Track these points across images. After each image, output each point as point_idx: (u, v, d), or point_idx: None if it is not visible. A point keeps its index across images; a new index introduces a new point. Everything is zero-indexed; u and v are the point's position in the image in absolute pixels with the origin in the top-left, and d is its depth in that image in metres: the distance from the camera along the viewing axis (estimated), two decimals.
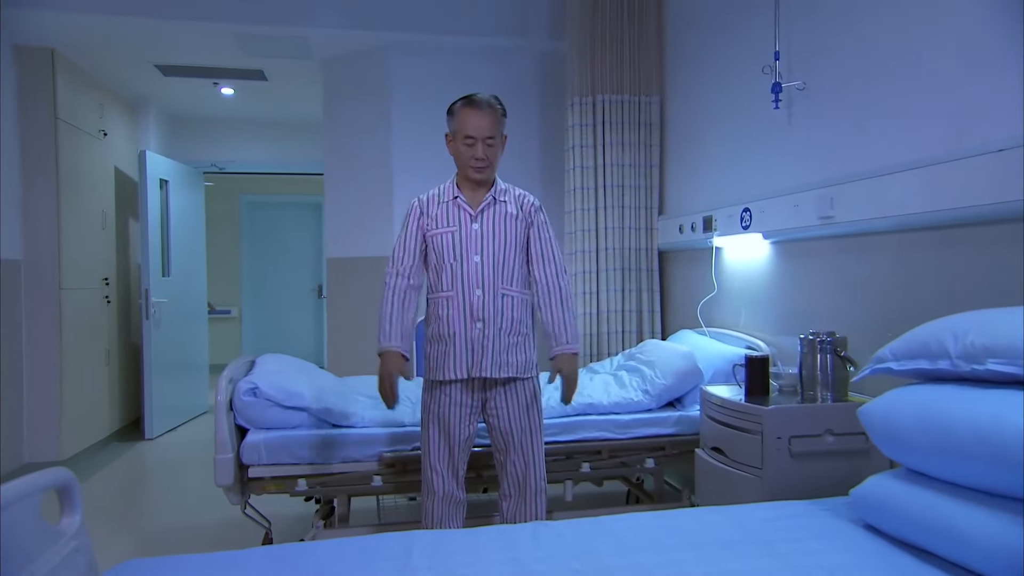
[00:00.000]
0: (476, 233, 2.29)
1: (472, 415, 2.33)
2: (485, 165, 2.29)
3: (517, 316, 2.31)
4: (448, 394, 2.30)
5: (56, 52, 4.16)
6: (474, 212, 2.31)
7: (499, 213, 2.32)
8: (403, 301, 2.30)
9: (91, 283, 4.60)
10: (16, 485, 1.15)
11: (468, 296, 2.26)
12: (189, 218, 5.83)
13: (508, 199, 2.36)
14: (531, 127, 4.36)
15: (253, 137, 6.29)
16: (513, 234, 2.32)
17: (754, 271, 3.07)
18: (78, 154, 4.44)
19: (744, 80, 3.08)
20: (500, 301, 2.28)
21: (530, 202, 2.39)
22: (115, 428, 4.96)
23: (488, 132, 2.27)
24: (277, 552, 1.46)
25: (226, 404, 2.55)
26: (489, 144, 2.28)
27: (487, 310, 2.26)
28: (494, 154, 2.31)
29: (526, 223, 2.35)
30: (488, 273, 2.27)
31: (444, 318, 2.29)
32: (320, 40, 4.23)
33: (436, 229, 2.31)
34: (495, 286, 2.27)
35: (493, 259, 2.28)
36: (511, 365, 2.30)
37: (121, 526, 3.41)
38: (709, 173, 3.46)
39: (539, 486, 2.38)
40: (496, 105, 2.32)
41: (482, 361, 2.27)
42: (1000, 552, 1.21)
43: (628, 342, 3.81)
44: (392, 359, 2.27)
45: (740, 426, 2.29)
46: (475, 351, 2.26)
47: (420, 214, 2.35)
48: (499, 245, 2.29)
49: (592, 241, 3.86)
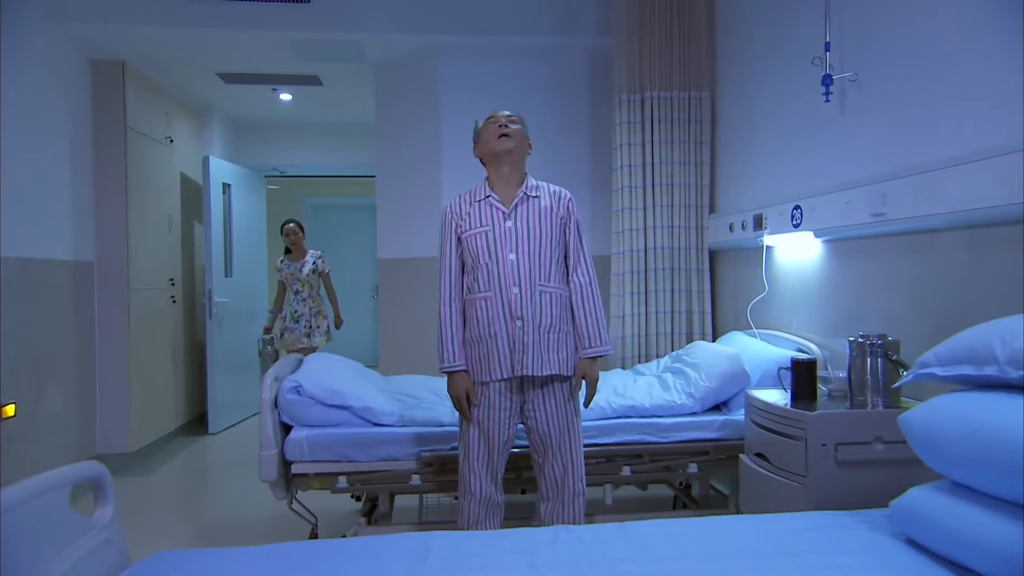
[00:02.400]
0: (510, 231, 2.28)
1: (511, 417, 2.31)
2: (508, 136, 2.31)
3: (556, 312, 2.29)
4: (488, 396, 2.29)
5: (126, 64, 4.37)
6: (507, 210, 2.30)
7: (532, 209, 2.31)
8: (457, 315, 2.33)
9: (158, 283, 4.81)
10: (45, 478, 1.21)
11: (506, 295, 2.25)
12: (251, 220, 6.03)
13: (541, 194, 2.34)
14: (579, 126, 4.33)
15: (311, 141, 6.47)
16: (548, 229, 2.30)
17: (805, 271, 2.95)
18: (146, 160, 4.66)
19: (794, 73, 2.97)
20: (539, 298, 2.26)
21: (567, 197, 2.37)
22: (180, 423, 5.18)
23: (510, 116, 2.36)
24: (297, 548, 1.49)
25: (271, 402, 2.62)
26: (512, 121, 2.34)
27: (526, 307, 2.24)
28: (518, 133, 2.33)
29: (562, 218, 2.33)
30: (525, 270, 2.25)
31: (484, 319, 2.28)
32: (372, 44, 4.31)
33: (469, 230, 2.32)
34: (532, 283, 2.26)
35: (529, 256, 2.26)
36: (553, 362, 2.28)
37: (181, 517, 3.55)
38: (759, 170, 3.35)
39: (577, 488, 2.35)
40: (514, 114, 2.40)
41: (524, 359, 2.25)
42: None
43: (678, 343, 3.73)
44: (460, 379, 2.31)
45: (784, 432, 2.21)
46: (516, 350, 2.25)
47: (452, 219, 2.36)
48: (535, 241, 2.27)
49: (640, 240, 3.80)
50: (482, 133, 2.39)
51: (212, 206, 5.33)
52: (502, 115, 2.36)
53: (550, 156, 4.22)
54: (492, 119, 2.37)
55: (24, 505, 1.13)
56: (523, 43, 4.22)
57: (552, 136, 4.25)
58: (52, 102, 3.90)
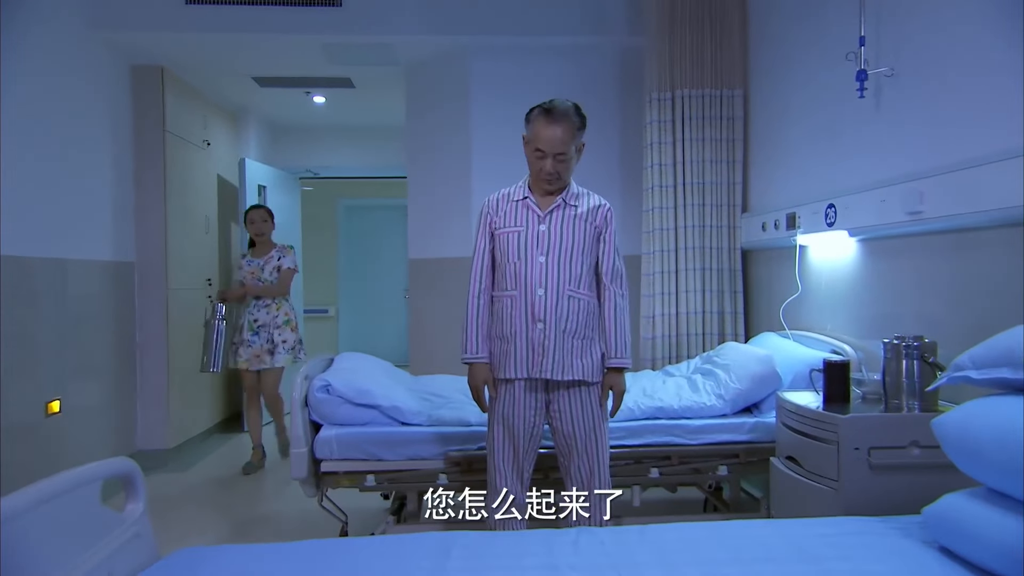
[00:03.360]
0: (543, 234, 2.27)
1: (536, 415, 2.31)
2: (554, 179, 2.26)
3: (583, 319, 2.27)
4: (512, 392, 2.29)
5: (165, 69, 4.48)
6: (542, 213, 2.29)
7: (568, 215, 2.29)
8: (484, 308, 2.33)
9: (195, 283, 4.92)
10: (77, 473, 1.24)
11: (530, 296, 2.25)
12: (285, 221, 6.11)
13: (580, 203, 2.32)
14: (609, 125, 4.30)
15: (344, 143, 6.54)
16: (582, 236, 2.28)
17: (839, 270, 2.89)
18: (184, 163, 4.76)
19: (828, 68, 2.91)
20: (565, 303, 2.25)
21: (606, 208, 2.36)
22: (216, 420, 5.29)
23: (559, 148, 2.21)
24: (321, 546, 1.51)
25: (301, 400, 2.66)
26: (560, 160, 2.22)
27: (548, 311, 2.24)
28: (565, 168, 2.26)
29: (597, 227, 2.31)
30: (552, 274, 2.24)
31: (507, 317, 2.29)
32: (403, 46, 4.34)
33: (503, 228, 2.31)
34: (559, 287, 2.24)
35: (559, 260, 2.25)
36: (577, 368, 2.27)
37: (216, 513, 3.63)
38: (792, 168, 3.29)
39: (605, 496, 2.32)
40: (573, 117, 2.24)
41: (543, 362, 2.24)
42: None
43: (709, 344, 3.69)
44: (480, 370, 2.32)
45: (815, 435, 2.16)
46: (535, 352, 2.25)
47: (488, 213, 2.36)
48: (566, 246, 2.26)
49: (671, 240, 3.76)
50: (531, 140, 2.26)
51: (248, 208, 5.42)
52: (548, 161, 2.19)
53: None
54: (539, 151, 2.21)
55: (56, 499, 1.17)
56: (553, 43, 4.21)
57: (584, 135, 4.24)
58: (95, 108, 4.01)
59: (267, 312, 4.28)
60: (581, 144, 2.31)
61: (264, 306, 4.28)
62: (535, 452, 2.37)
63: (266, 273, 4.31)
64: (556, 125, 2.21)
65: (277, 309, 4.30)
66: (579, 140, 2.29)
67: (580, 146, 2.31)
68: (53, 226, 3.55)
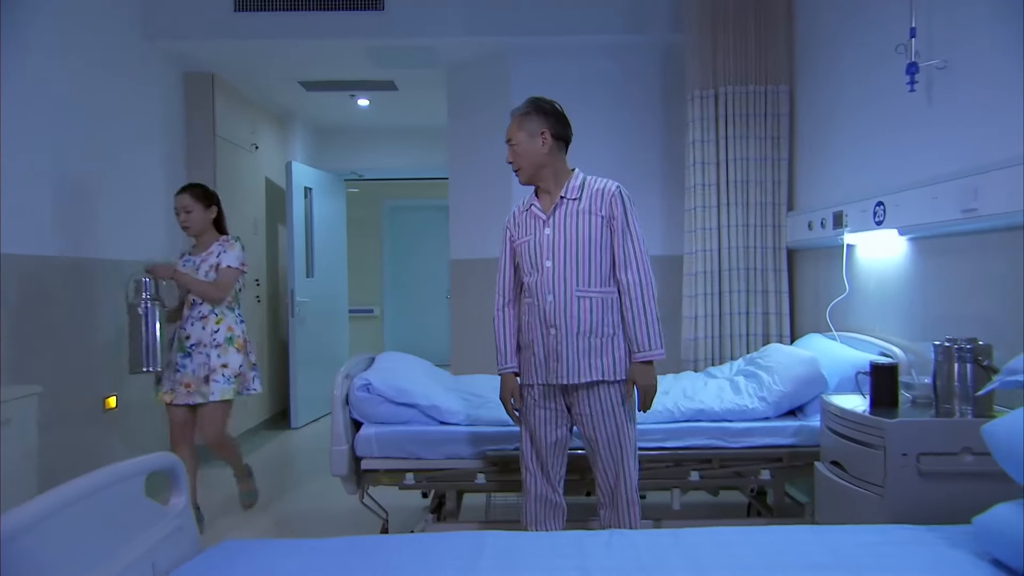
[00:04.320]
0: (548, 238, 2.25)
1: (558, 419, 2.30)
2: (514, 168, 2.31)
3: (597, 318, 2.22)
4: (532, 397, 2.31)
5: (216, 76, 4.61)
6: (545, 217, 2.28)
7: (570, 213, 2.25)
8: (509, 321, 2.36)
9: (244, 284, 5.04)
10: (121, 467, 1.29)
11: (542, 302, 2.25)
12: (331, 223, 6.24)
13: (582, 195, 2.27)
14: (651, 124, 4.25)
15: (388, 145, 6.63)
16: (587, 232, 2.23)
17: (888, 270, 2.80)
18: (233, 167, 4.89)
19: (877, 61, 2.82)
20: (575, 304, 2.21)
21: (610, 192, 2.26)
22: (265, 417, 5.42)
23: (507, 135, 2.30)
24: (357, 543, 1.53)
25: (342, 399, 2.71)
26: (512, 147, 2.29)
27: (559, 315, 2.22)
28: (521, 154, 2.28)
29: (604, 216, 2.24)
30: (559, 278, 2.22)
31: (526, 326, 2.31)
32: (444, 48, 4.37)
33: (518, 239, 2.35)
34: (567, 290, 2.22)
35: (564, 263, 2.22)
36: (595, 368, 2.22)
37: (263, 507, 3.71)
38: (840, 165, 3.20)
39: (630, 497, 2.28)
40: (521, 107, 2.31)
41: (558, 368, 2.23)
42: None
43: (753, 346, 3.62)
44: (507, 381, 2.35)
45: (861, 439, 2.10)
46: (550, 357, 2.24)
47: (508, 226, 2.39)
48: (571, 247, 2.23)
49: (714, 240, 3.70)
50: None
51: (294, 210, 5.55)
52: (508, 152, 2.31)
53: (622, 154, 4.18)
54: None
55: (101, 492, 1.22)
56: (594, 42, 4.19)
57: (624, 134, 4.21)
58: (150, 114, 4.15)
59: (202, 326, 3.09)
60: (541, 131, 2.27)
61: (199, 318, 3.10)
62: (562, 457, 2.34)
63: (201, 275, 3.13)
64: (511, 118, 2.32)
65: (217, 322, 3.10)
66: (532, 126, 2.27)
67: (540, 132, 2.27)
68: (110, 228, 3.69)
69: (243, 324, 3.24)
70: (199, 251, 3.21)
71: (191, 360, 3.10)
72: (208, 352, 3.08)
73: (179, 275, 3.08)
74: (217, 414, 3.12)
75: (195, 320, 3.11)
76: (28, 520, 1.06)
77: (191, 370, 3.09)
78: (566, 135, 2.33)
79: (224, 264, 3.12)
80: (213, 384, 3.06)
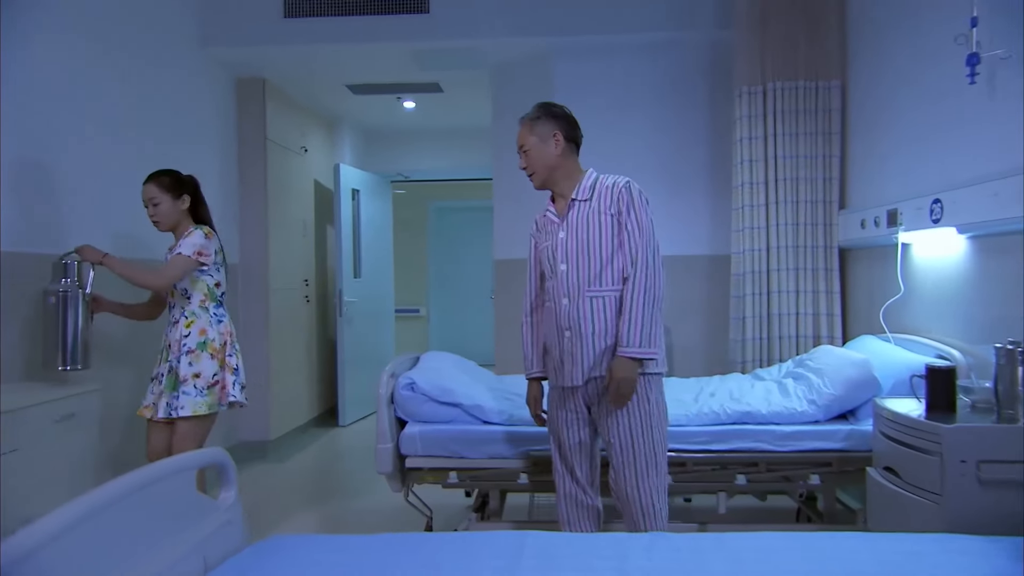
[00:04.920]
0: (562, 242, 2.24)
1: (579, 420, 2.28)
2: (528, 173, 2.31)
3: (611, 316, 2.17)
4: (554, 398, 2.33)
5: (267, 81, 4.73)
6: (559, 220, 2.28)
7: (580, 214, 2.23)
8: (535, 326, 2.39)
9: (293, 284, 5.16)
10: (172, 461, 1.33)
11: (557, 306, 2.25)
12: (378, 224, 6.33)
13: (593, 195, 2.24)
14: (697, 122, 4.18)
15: (434, 146, 6.70)
16: (597, 232, 2.19)
17: (946, 270, 2.70)
18: (283, 170, 5.01)
19: (935, 53, 2.72)
20: (587, 305, 2.18)
21: (618, 188, 2.21)
22: (314, 415, 5.53)
23: (519, 141, 2.31)
24: (399, 540, 1.55)
25: (387, 397, 2.74)
26: (524, 151, 2.29)
27: (572, 318, 2.20)
28: (532, 160, 2.28)
29: (613, 215, 2.19)
30: (573, 279, 2.21)
31: (547, 329, 2.32)
32: (489, 49, 4.39)
33: (541, 244, 2.36)
34: (579, 292, 2.20)
35: (578, 265, 2.20)
36: (606, 365, 2.17)
37: (310, 503, 3.79)
38: (894, 161, 3.10)
39: (647, 505, 2.18)
40: (526, 117, 2.31)
41: (573, 371, 2.21)
42: None
43: (803, 347, 3.53)
44: (530, 386, 2.41)
45: (916, 445, 2.03)
46: (565, 360, 2.23)
47: (533, 232, 2.41)
48: (583, 248, 2.20)
49: (762, 239, 3.63)
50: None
51: (342, 211, 5.65)
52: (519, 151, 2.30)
53: (667, 153, 4.13)
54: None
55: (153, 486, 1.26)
56: (639, 39, 4.15)
57: (669, 132, 4.15)
58: (204, 119, 4.28)
59: (173, 330, 2.70)
60: (551, 133, 2.25)
61: (172, 321, 2.73)
62: (589, 458, 2.31)
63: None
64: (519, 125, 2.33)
65: (187, 325, 2.67)
66: (543, 129, 2.26)
67: (553, 135, 2.26)
68: None
69: (223, 324, 2.74)
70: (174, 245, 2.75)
71: (160, 371, 2.70)
72: (177, 358, 2.63)
73: (110, 260, 2.58)
74: (187, 432, 2.61)
75: (170, 324, 2.74)
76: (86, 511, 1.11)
77: (164, 380, 2.66)
78: (577, 137, 2.33)
79: (176, 251, 2.66)
80: (183, 396, 2.60)
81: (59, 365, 2.54)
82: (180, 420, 2.60)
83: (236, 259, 4.64)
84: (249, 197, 4.69)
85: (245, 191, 4.69)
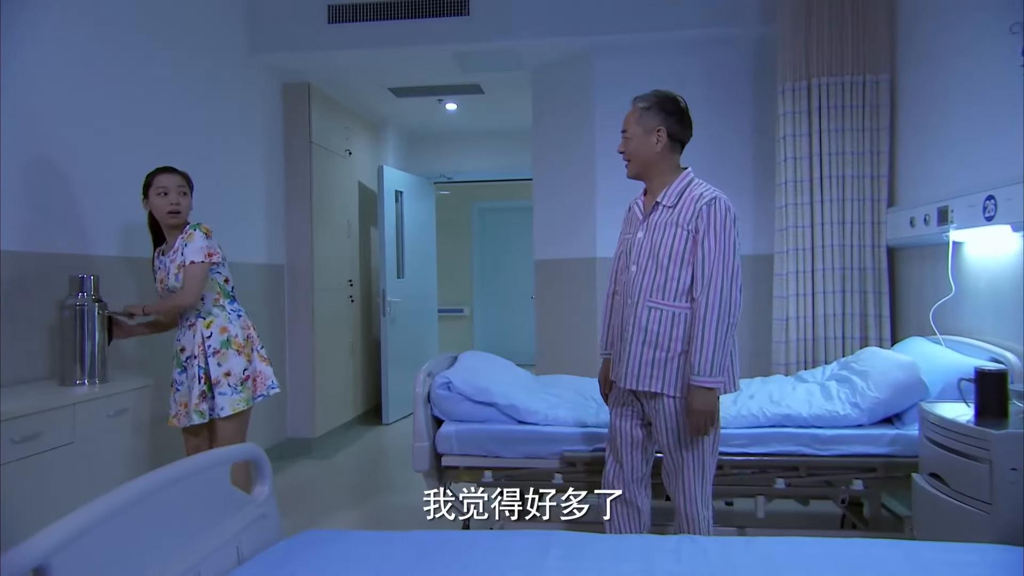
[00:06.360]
0: (639, 242, 2.21)
1: (633, 418, 2.26)
2: (625, 158, 2.25)
3: (665, 332, 2.11)
4: (614, 393, 2.33)
5: (312, 86, 4.83)
6: (642, 219, 2.24)
7: (661, 220, 2.17)
8: (614, 307, 2.35)
9: (338, 284, 5.26)
10: (207, 456, 1.38)
11: (622, 304, 2.24)
12: (421, 225, 6.40)
13: (680, 202, 2.15)
14: (740, 119, 4.11)
15: (476, 147, 6.74)
16: (670, 243, 2.12)
17: (1000, 269, 2.60)
18: (328, 172, 5.11)
19: (988, 43, 2.62)
20: (645, 313, 2.14)
21: (706, 199, 2.10)
22: (358, 413, 5.62)
23: (624, 125, 2.23)
24: (431, 537, 1.57)
25: (424, 396, 2.77)
26: (625, 136, 2.23)
27: (631, 320, 2.18)
28: (631, 149, 2.21)
29: (690, 231, 2.10)
30: (638, 283, 2.17)
31: (615, 319, 2.32)
32: (529, 50, 4.40)
33: (625, 233, 2.34)
34: (641, 297, 2.15)
35: (645, 269, 2.16)
36: (655, 380, 2.13)
37: (351, 500, 3.86)
38: (946, 157, 2.99)
39: (691, 515, 2.16)
40: (641, 99, 2.22)
41: (620, 371, 2.21)
42: None
43: (850, 349, 3.44)
44: (603, 366, 2.44)
45: (964, 451, 1.96)
46: (621, 359, 2.22)
47: (626, 216, 2.37)
48: (654, 256, 2.14)
49: (807, 238, 3.55)
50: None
51: (386, 212, 5.73)
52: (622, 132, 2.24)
53: (710, 152, 4.05)
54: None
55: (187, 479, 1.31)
56: (680, 37, 4.09)
57: (711, 131, 4.07)
58: (252, 123, 4.40)
59: (192, 334, 2.66)
60: (657, 128, 2.17)
61: (188, 325, 2.68)
62: (639, 456, 2.28)
63: (171, 277, 2.65)
64: (631, 105, 2.25)
65: (207, 326, 2.65)
66: (649, 121, 2.17)
67: (656, 130, 2.17)
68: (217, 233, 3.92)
69: (241, 318, 2.73)
70: (169, 248, 2.70)
71: (186, 375, 2.65)
72: (203, 363, 2.60)
73: (149, 308, 2.68)
74: (231, 431, 2.63)
75: (185, 328, 2.68)
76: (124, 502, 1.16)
77: (187, 387, 2.63)
78: (684, 136, 2.24)
79: (187, 260, 2.59)
80: (219, 397, 2.59)
81: (76, 379, 2.54)
82: (220, 420, 2.60)
83: (282, 260, 4.76)
84: (295, 200, 4.80)
85: (291, 194, 4.80)
